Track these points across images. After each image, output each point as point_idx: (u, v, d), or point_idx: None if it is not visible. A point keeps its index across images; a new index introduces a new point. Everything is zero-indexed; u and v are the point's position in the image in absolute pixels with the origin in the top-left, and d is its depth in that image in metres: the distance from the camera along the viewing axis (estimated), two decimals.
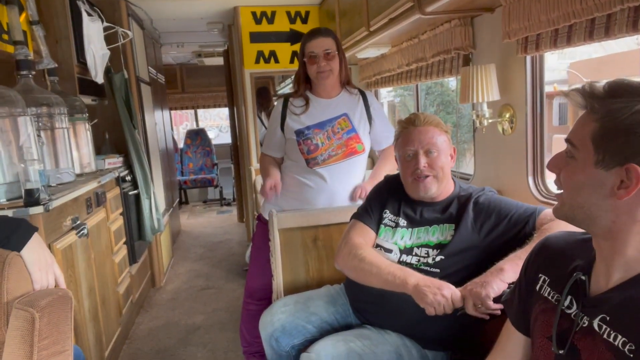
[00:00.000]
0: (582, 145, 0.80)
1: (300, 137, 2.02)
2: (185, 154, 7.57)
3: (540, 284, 0.97)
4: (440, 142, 1.51)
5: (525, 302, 1.01)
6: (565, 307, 0.89)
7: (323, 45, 1.96)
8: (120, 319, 2.75)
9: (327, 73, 1.98)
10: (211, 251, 4.73)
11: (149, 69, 4.31)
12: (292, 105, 2.06)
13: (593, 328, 0.81)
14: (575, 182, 0.81)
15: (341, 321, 1.65)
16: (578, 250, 0.93)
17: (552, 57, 8.78)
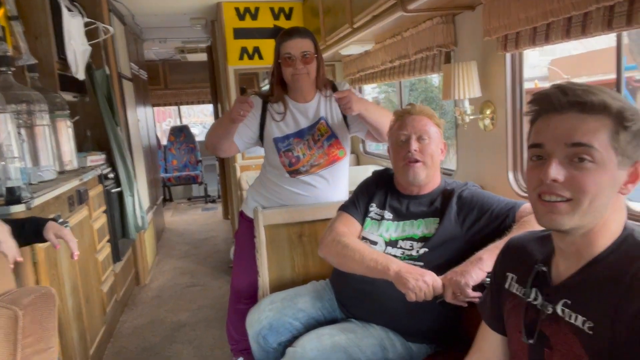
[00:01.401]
0: (603, 148, 0.80)
1: (280, 148, 1.94)
2: (169, 150, 7.51)
3: (509, 282, 1.02)
4: (432, 131, 1.56)
5: (497, 302, 1.06)
6: (531, 299, 0.94)
7: (300, 47, 1.84)
8: (105, 317, 2.73)
9: (303, 76, 1.86)
10: (196, 248, 4.71)
11: (131, 65, 4.27)
12: (272, 109, 1.96)
13: (557, 314, 0.87)
14: (601, 187, 0.80)
15: (327, 316, 1.67)
16: (538, 246, 0.98)
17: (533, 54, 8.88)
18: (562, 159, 0.82)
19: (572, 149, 0.81)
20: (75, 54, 2.69)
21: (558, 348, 0.86)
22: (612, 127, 0.80)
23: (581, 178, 0.80)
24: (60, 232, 1.44)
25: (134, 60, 4.46)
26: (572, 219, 0.81)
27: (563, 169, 0.82)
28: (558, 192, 0.82)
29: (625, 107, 0.80)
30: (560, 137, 0.82)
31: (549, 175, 0.82)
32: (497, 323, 1.07)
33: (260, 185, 2.07)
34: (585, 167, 0.80)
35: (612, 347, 0.77)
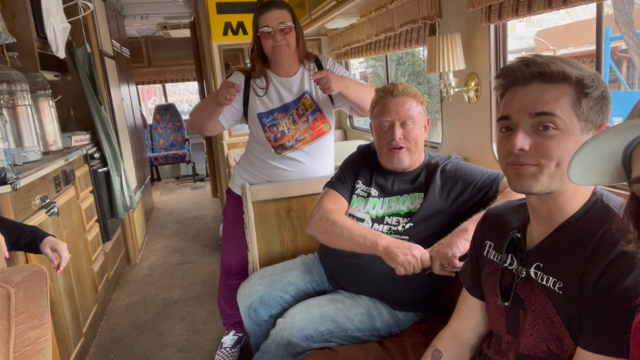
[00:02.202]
0: (566, 114, 0.84)
1: (265, 123, 1.94)
2: (155, 129, 7.43)
3: (487, 250, 1.07)
4: (416, 113, 1.54)
5: (476, 269, 1.11)
6: (507, 264, 0.98)
7: (278, 18, 1.82)
8: (97, 296, 2.75)
9: (283, 47, 1.84)
10: (186, 227, 4.73)
11: (113, 43, 4.18)
12: (255, 85, 1.94)
13: (530, 276, 0.92)
14: (565, 151, 0.84)
15: (317, 288, 1.71)
16: (514, 214, 1.03)
17: (520, 25, 8.83)
18: (527, 128, 0.86)
19: (536, 118, 0.85)
20: (55, 32, 2.63)
21: (532, 309, 0.91)
22: (574, 95, 0.84)
23: (546, 145, 0.84)
24: (57, 246, 1.48)
25: (116, 37, 4.37)
26: (540, 181, 0.85)
27: (529, 138, 0.86)
28: (525, 161, 0.86)
29: (584, 75, 0.84)
30: (525, 108, 0.86)
31: (515, 145, 0.86)
32: (476, 289, 1.11)
33: (247, 162, 2.08)
34: (549, 134, 0.84)
35: (579, 305, 0.82)
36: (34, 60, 2.56)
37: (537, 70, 0.85)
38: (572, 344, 0.84)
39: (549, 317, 0.87)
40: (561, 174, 0.85)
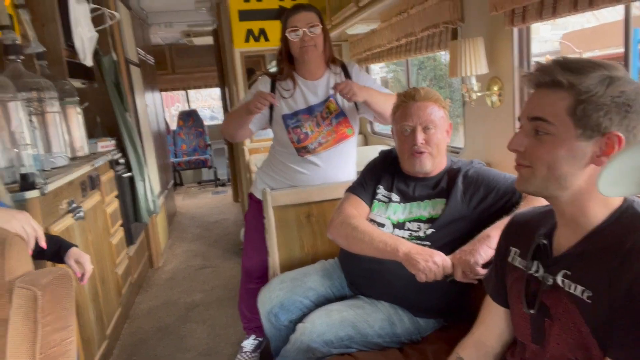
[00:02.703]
0: (559, 120, 0.84)
1: (289, 124, 1.96)
2: (178, 135, 7.55)
3: (512, 256, 1.05)
4: (438, 117, 1.53)
5: (500, 276, 1.09)
6: (533, 271, 0.96)
7: (306, 19, 1.88)
8: (120, 299, 2.80)
9: (310, 48, 1.89)
10: (207, 231, 4.78)
11: (138, 50, 4.27)
12: (280, 87, 1.99)
13: (557, 284, 0.90)
14: (555, 157, 0.85)
15: (337, 294, 1.70)
16: (542, 221, 1.01)
17: (544, 28, 8.65)
18: (528, 131, 0.89)
19: (532, 122, 0.88)
20: (83, 41, 2.71)
21: (558, 318, 0.89)
22: (571, 100, 0.83)
23: (536, 148, 0.87)
24: (81, 258, 1.50)
25: (141, 45, 4.47)
26: (532, 182, 0.89)
27: (527, 140, 0.89)
28: (521, 161, 0.91)
29: (578, 82, 0.83)
30: (526, 112, 0.90)
31: (509, 144, 0.92)
32: (500, 296, 1.09)
33: (269, 167, 2.10)
34: (541, 139, 0.87)
35: (609, 315, 0.79)
36: (62, 69, 2.64)
37: (538, 78, 0.88)
38: (600, 354, 0.81)
39: (576, 327, 0.85)
40: (556, 178, 0.86)
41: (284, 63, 1.98)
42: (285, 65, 1.97)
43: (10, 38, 1.99)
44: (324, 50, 1.95)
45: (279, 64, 2.01)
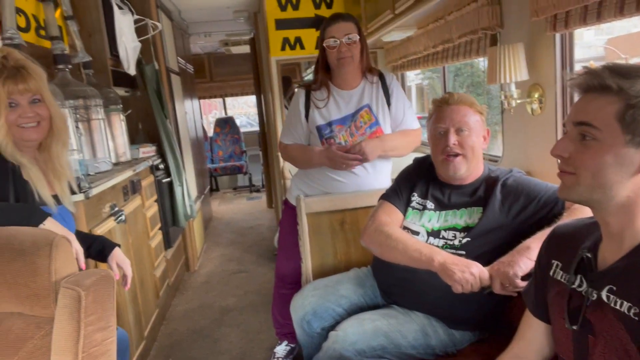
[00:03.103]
0: (606, 126, 0.81)
1: (324, 135, 1.97)
2: (215, 142, 7.71)
3: (554, 269, 1.01)
4: (472, 121, 1.50)
5: (541, 289, 1.05)
6: (576, 285, 0.93)
7: (344, 30, 1.88)
8: (158, 301, 2.87)
9: (348, 59, 1.89)
10: (242, 236, 4.84)
11: (178, 59, 4.40)
12: (315, 97, 1.99)
13: (602, 300, 0.86)
14: (601, 163, 0.82)
15: (370, 302, 1.69)
16: (586, 233, 0.97)
17: (588, 33, 8.36)
18: (574, 137, 0.86)
19: (577, 128, 0.85)
20: (127, 50, 2.81)
21: (603, 335, 0.85)
22: (620, 106, 0.80)
23: (581, 155, 0.84)
24: (122, 264, 1.55)
25: (181, 54, 4.60)
26: (575, 190, 0.86)
27: (571, 146, 0.86)
28: (564, 167, 0.88)
29: (628, 86, 0.80)
30: (571, 117, 0.87)
31: (553, 150, 0.89)
32: (541, 311, 1.05)
33: (304, 173, 2.11)
34: (586, 145, 0.84)
35: None
36: (107, 77, 2.75)
37: (587, 82, 0.85)
38: None
39: (622, 345, 0.81)
40: (601, 186, 0.83)
41: (320, 72, 1.99)
42: (321, 74, 1.99)
43: (59, 48, 2.09)
44: (361, 60, 1.95)
45: (316, 72, 2.03)
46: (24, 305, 1.04)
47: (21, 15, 1.90)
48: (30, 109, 1.31)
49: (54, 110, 1.38)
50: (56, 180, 1.44)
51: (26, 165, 1.32)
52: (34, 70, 1.32)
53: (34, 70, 1.33)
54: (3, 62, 1.28)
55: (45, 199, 1.34)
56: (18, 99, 1.30)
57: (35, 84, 1.31)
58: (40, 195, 1.33)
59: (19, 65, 1.30)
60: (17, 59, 1.31)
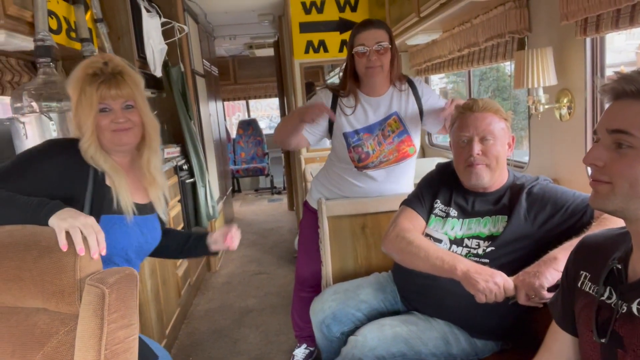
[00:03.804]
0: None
1: (350, 143, 1.92)
2: (238, 143, 7.78)
3: (582, 281, 0.98)
4: (497, 129, 1.47)
5: (568, 301, 1.02)
6: (605, 297, 0.90)
7: (375, 37, 1.79)
8: (179, 300, 2.91)
9: (377, 69, 1.82)
10: (263, 238, 4.87)
11: (204, 62, 4.46)
12: (342, 103, 1.93)
13: (632, 313, 0.83)
14: (639, 172, 0.79)
15: (390, 308, 1.67)
16: (616, 244, 0.94)
17: (619, 38, 8.13)
18: (608, 144, 0.83)
19: (613, 135, 0.82)
20: (154, 53, 2.86)
21: (633, 349, 0.82)
22: None
23: (617, 163, 0.81)
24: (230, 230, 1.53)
25: (206, 57, 4.66)
26: (612, 200, 0.83)
27: (606, 154, 0.83)
28: (599, 177, 0.85)
29: None
30: (604, 124, 0.84)
31: (586, 158, 0.86)
32: (568, 323, 1.02)
33: (325, 177, 2.10)
34: (623, 153, 0.81)
35: None
36: None
37: (623, 87, 0.82)
38: None
39: None
40: (639, 195, 0.80)
41: (348, 79, 1.92)
42: (350, 82, 1.92)
43: (89, 50, 2.13)
44: (391, 70, 1.88)
45: (343, 78, 1.97)
46: (50, 302, 1.06)
47: (53, 17, 1.95)
48: (122, 114, 1.31)
49: (147, 117, 1.38)
50: (149, 188, 1.44)
51: (108, 171, 1.32)
52: (130, 77, 1.33)
53: (130, 77, 1.33)
54: (102, 67, 1.30)
55: (124, 207, 1.32)
56: (111, 104, 1.30)
57: (129, 91, 1.32)
58: (119, 203, 1.32)
59: (117, 72, 1.31)
60: (116, 64, 1.33)
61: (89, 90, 1.27)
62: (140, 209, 1.39)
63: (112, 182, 1.33)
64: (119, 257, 1.35)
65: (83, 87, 1.28)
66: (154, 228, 1.46)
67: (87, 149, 1.29)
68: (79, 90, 1.28)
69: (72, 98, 1.31)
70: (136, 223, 1.38)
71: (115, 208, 1.32)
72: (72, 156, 1.28)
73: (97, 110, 1.28)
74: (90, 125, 1.28)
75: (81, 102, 1.28)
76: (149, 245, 1.45)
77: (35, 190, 1.19)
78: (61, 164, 1.26)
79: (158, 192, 1.46)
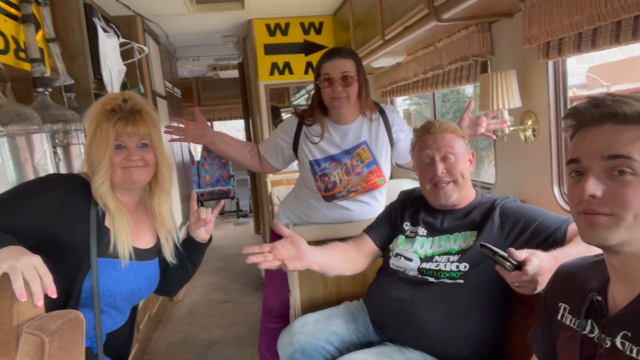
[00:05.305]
0: None
1: (317, 172, 1.87)
2: (202, 166, 7.62)
3: (562, 313, 0.94)
4: (457, 147, 1.49)
5: (549, 334, 0.98)
6: (587, 331, 0.86)
7: (340, 67, 1.74)
8: (138, 335, 2.73)
9: (342, 100, 1.76)
10: (228, 264, 4.72)
11: (165, 83, 4.35)
12: (308, 130, 1.89)
13: (616, 347, 0.79)
14: None
15: (362, 339, 1.60)
16: (592, 273, 0.90)
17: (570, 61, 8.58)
18: (600, 173, 0.78)
19: (610, 162, 0.76)
20: (111, 74, 2.75)
21: None
22: None
23: (622, 192, 0.75)
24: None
25: (168, 78, 4.55)
26: (616, 233, 0.76)
27: (601, 184, 0.77)
28: (598, 209, 0.77)
29: None
30: (596, 150, 0.78)
31: (585, 190, 0.77)
32: (548, 357, 0.98)
33: (294, 202, 2.03)
34: (625, 181, 0.75)
35: None
36: (89, 101, 2.66)
37: (609, 112, 0.77)
38: None
39: None
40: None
41: (315, 109, 1.86)
42: (317, 112, 1.86)
43: (39, 71, 2.01)
44: (359, 99, 1.82)
45: (310, 108, 1.91)
46: None
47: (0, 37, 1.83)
48: (136, 152, 1.30)
49: (162, 157, 1.36)
50: (159, 230, 1.41)
51: (112, 212, 1.28)
52: (148, 116, 1.33)
53: (148, 116, 1.33)
54: (121, 104, 1.30)
55: (121, 251, 1.27)
56: (126, 142, 1.29)
57: (146, 129, 1.31)
58: (116, 247, 1.27)
59: (136, 109, 1.31)
60: (135, 102, 1.33)
61: (106, 126, 1.26)
62: (138, 254, 1.34)
63: (112, 224, 1.28)
64: (106, 304, 1.28)
65: (100, 122, 1.27)
66: (151, 276, 1.40)
67: (99, 186, 1.26)
68: (95, 124, 1.28)
69: (88, 133, 1.30)
70: (131, 269, 1.31)
71: (111, 251, 1.27)
72: (71, 193, 1.24)
73: (112, 147, 1.27)
74: (106, 163, 1.26)
75: (96, 137, 1.27)
76: (143, 293, 1.38)
77: (28, 223, 1.15)
78: (57, 200, 1.21)
79: (167, 234, 1.44)
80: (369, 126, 1.89)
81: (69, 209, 1.22)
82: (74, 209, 1.23)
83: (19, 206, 1.17)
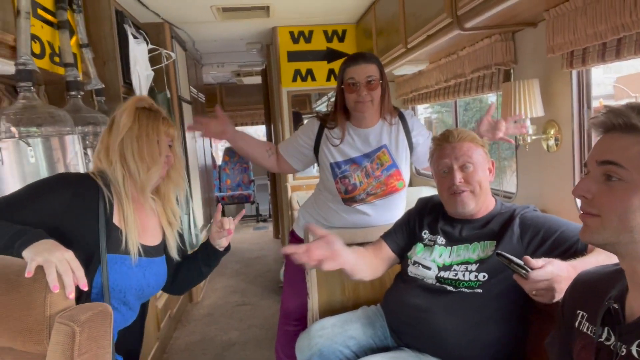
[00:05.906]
0: (633, 165, 0.78)
1: (337, 174, 1.89)
2: (223, 170, 7.71)
3: (579, 320, 0.95)
4: (475, 156, 1.48)
5: (566, 342, 0.98)
6: (603, 339, 0.86)
7: (365, 72, 1.77)
8: (159, 333, 2.79)
9: (367, 104, 1.79)
10: (247, 267, 4.76)
11: (190, 89, 4.44)
12: (329, 133, 1.91)
13: (632, 355, 0.80)
14: (628, 206, 0.78)
15: (379, 344, 1.61)
16: (612, 282, 0.92)
17: (597, 71, 8.40)
18: (597, 177, 0.82)
19: (601, 167, 0.81)
20: (140, 79, 2.83)
21: None
22: None
23: (606, 196, 0.80)
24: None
25: (194, 84, 4.65)
26: (602, 233, 0.82)
27: (595, 186, 0.82)
28: (588, 209, 0.84)
29: None
30: (595, 156, 0.83)
31: (575, 190, 0.85)
32: None
33: (313, 206, 2.06)
34: (612, 185, 0.80)
35: None
36: (119, 104, 2.74)
37: (611, 120, 0.82)
38: None
39: None
40: (629, 230, 0.78)
41: (338, 112, 1.89)
42: (339, 116, 1.89)
43: (72, 75, 2.09)
44: (382, 103, 1.85)
45: (333, 112, 1.93)
46: (16, 340, 0.98)
47: (36, 42, 1.92)
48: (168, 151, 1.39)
49: (178, 155, 1.45)
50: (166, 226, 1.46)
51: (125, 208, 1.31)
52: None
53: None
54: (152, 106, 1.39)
55: (130, 247, 1.30)
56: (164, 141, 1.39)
57: (174, 132, 1.42)
58: (127, 243, 1.29)
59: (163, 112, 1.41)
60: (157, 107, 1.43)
61: (155, 123, 1.35)
62: (146, 251, 1.36)
63: (122, 221, 1.31)
64: (116, 300, 1.30)
65: (147, 118, 1.35)
66: (159, 273, 1.43)
67: (153, 176, 1.34)
68: (140, 120, 1.34)
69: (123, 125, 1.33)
70: (140, 265, 1.34)
71: (122, 248, 1.29)
72: (80, 192, 1.27)
73: (167, 145, 1.37)
74: (163, 158, 1.35)
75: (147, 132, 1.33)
76: (151, 289, 1.40)
77: (40, 222, 1.17)
78: (68, 198, 1.24)
79: (174, 230, 1.48)
80: (389, 130, 1.91)
81: (78, 206, 1.24)
82: (83, 207, 1.25)
83: (34, 203, 1.20)
